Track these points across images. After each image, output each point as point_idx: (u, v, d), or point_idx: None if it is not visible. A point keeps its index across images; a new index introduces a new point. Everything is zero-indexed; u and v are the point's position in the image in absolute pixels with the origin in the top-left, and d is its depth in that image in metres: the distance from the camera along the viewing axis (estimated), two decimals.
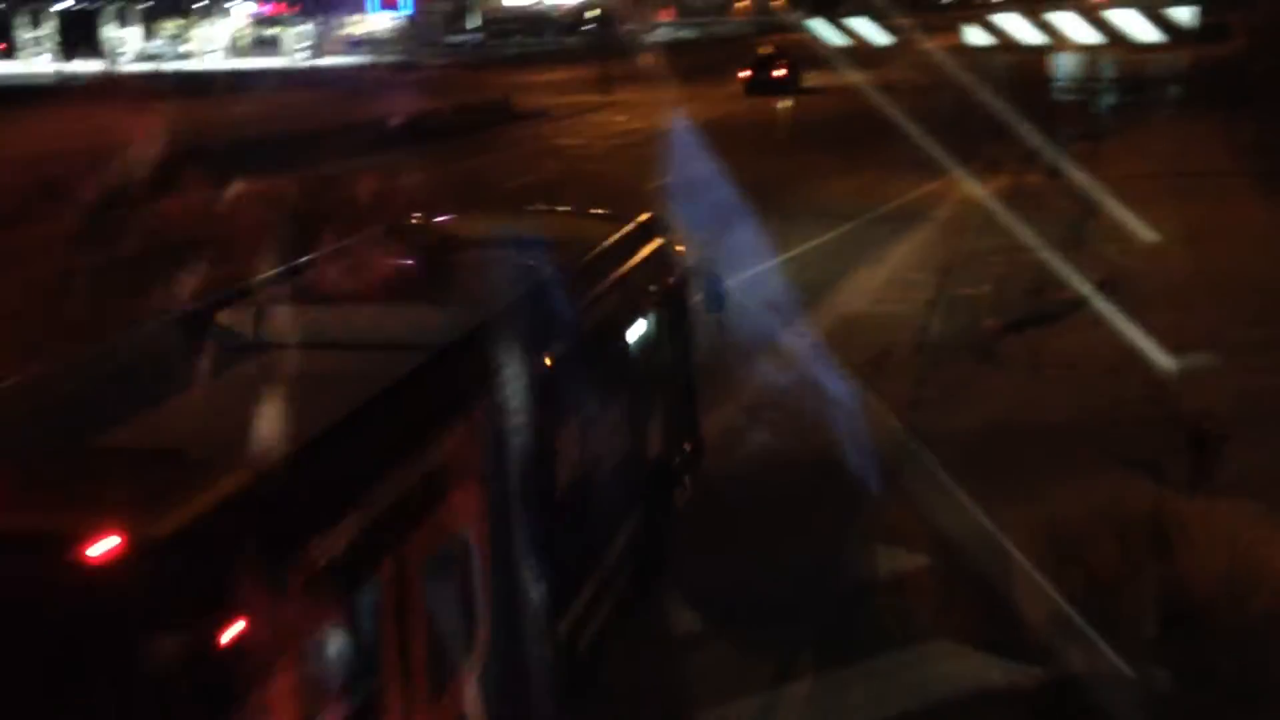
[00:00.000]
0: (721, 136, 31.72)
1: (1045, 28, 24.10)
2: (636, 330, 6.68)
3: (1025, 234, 17.10)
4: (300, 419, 3.15)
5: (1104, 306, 13.29)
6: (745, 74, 42.49)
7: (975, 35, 27.89)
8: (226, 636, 2.12)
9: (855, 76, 42.07)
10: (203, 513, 2.40)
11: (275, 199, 14.62)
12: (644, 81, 49.78)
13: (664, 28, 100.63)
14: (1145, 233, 16.50)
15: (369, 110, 33.90)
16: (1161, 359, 10.94)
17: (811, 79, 42.93)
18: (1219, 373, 10.83)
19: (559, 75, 58.12)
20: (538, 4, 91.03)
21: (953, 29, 45.26)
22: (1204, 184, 20.89)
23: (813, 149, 28.93)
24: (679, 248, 7.87)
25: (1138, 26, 24.30)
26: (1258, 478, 8.67)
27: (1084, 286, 14.19)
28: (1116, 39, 25.39)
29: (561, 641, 4.96)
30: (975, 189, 22.00)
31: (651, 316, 6.99)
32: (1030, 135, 26.12)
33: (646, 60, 51.37)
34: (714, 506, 8.71)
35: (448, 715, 3.63)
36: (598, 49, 52.51)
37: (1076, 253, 16.07)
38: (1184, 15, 24.10)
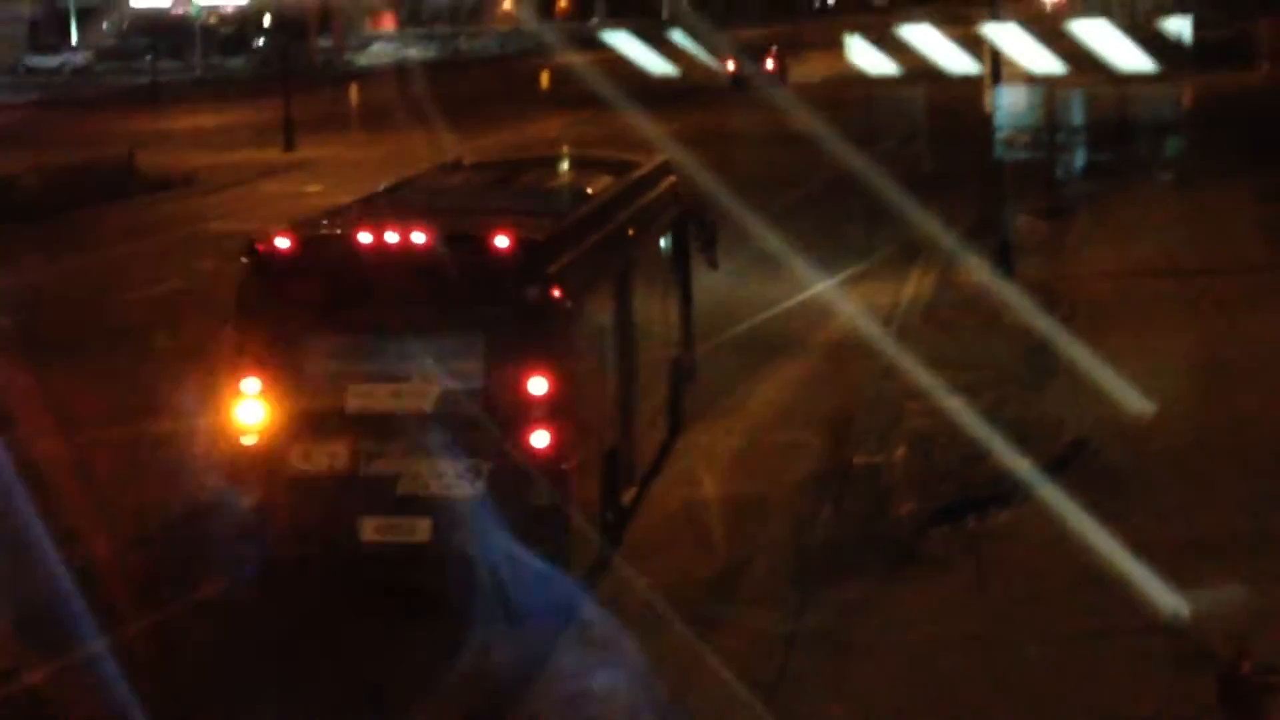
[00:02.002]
0: None
1: (977, 48, 25.46)
2: (669, 225, 17.14)
3: (958, 367, 17.82)
4: (565, 200, 14.66)
5: (1076, 480, 13.91)
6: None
7: (869, 57, 28.95)
8: (554, 288, 12.24)
9: (697, 119, 43.60)
10: (543, 231, 12.82)
11: None
12: (350, 130, 50.39)
13: (383, 44, 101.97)
14: (1135, 363, 17.34)
15: None
16: (1164, 595, 11.28)
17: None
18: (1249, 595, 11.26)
19: (214, 119, 58.27)
20: (176, 8, 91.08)
21: (836, 45, 47.28)
22: (1219, 287, 22.07)
23: None
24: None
25: (1116, 48, 25.83)
26: None
27: (1047, 451, 14.83)
28: (1085, 64, 26.87)
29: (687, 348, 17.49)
30: (879, 295, 22.82)
31: (674, 221, 17.33)
32: (962, 211, 27.32)
33: (353, 96, 51.96)
34: None
35: (647, 361, 14.97)
36: (276, 78, 52.80)
37: (1036, 395, 16.81)
38: (1177, 29, 25.79)
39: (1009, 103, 25.36)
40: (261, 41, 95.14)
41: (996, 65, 24.70)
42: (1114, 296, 21.76)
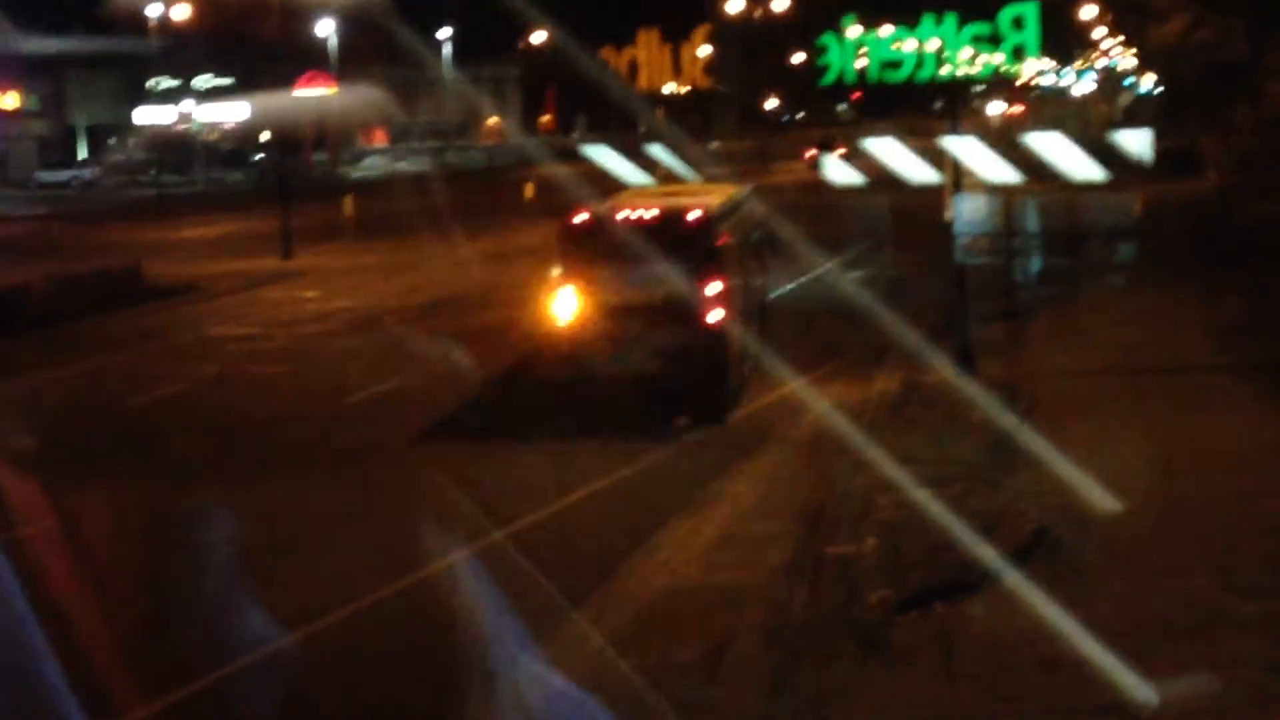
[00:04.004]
0: (471, 314, 32.43)
1: (938, 158, 25.49)
2: (758, 219, 27.24)
3: (925, 461, 17.81)
4: (714, 199, 24.42)
5: (1040, 567, 13.85)
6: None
7: (835, 168, 29.42)
8: (721, 238, 22.64)
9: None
10: (710, 210, 22.95)
11: None
12: (345, 239, 50.64)
13: (375, 157, 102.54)
14: (1095, 456, 17.34)
15: None
16: (1132, 681, 11.19)
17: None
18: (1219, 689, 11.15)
19: (216, 229, 58.57)
20: (179, 125, 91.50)
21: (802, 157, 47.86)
22: (1174, 383, 22.20)
23: None
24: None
25: (1068, 157, 25.88)
26: None
27: (1011, 540, 14.78)
28: (1039, 174, 26.98)
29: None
30: (849, 393, 22.85)
31: (759, 218, 27.39)
32: (926, 312, 27.41)
33: (347, 207, 52.28)
34: None
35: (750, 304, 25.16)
36: (274, 190, 53.04)
37: (1000, 487, 16.78)
38: (1134, 142, 25.86)
39: (968, 210, 25.35)
40: (260, 156, 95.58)
41: (957, 175, 24.69)
42: (1071, 393, 21.82)
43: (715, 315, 22.07)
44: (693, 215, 22.72)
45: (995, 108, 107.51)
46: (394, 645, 13.66)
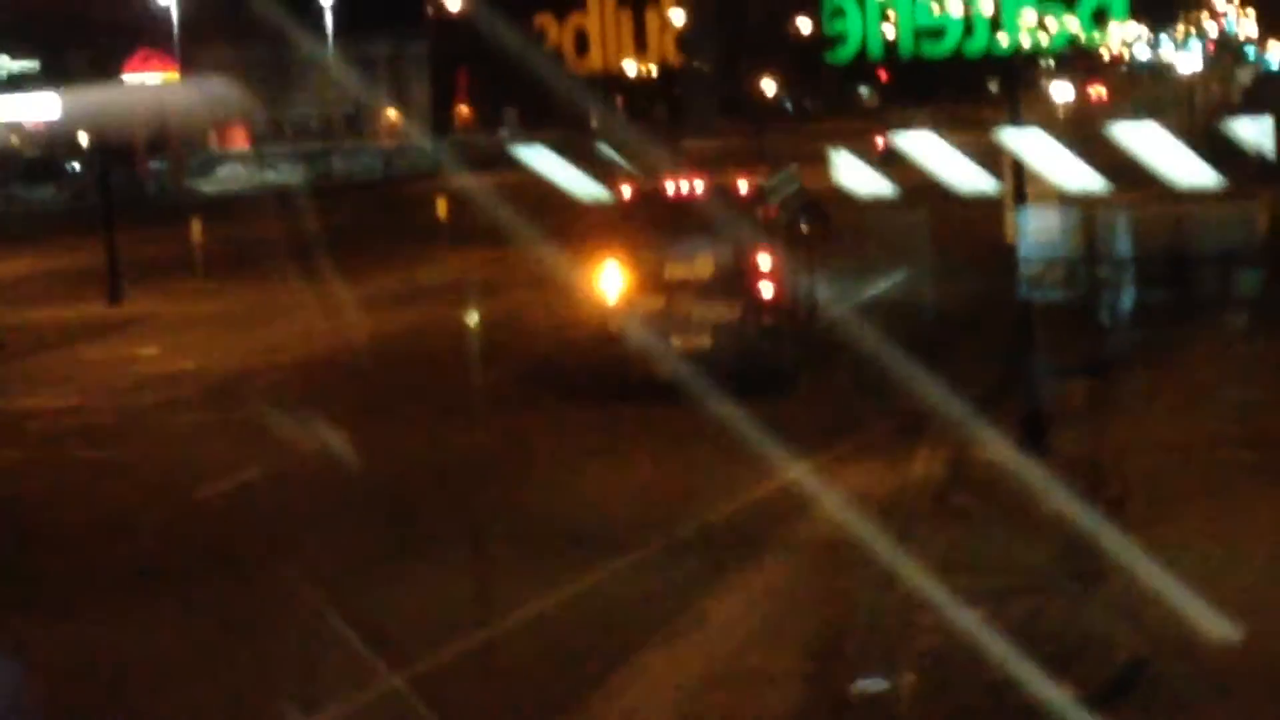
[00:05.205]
0: (357, 381, 32.36)
1: (994, 159, 25.62)
2: (804, 195, 34.89)
3: (978, 570, 17.80)
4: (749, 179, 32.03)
5: (1135, 714, 13.86)
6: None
7: (858, 173, 30.40)
8: (772, 211, 30.77)
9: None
10: (757, 184, 30.97)
11: None
12: (192, 277, 50.43)
13: (235, 166, 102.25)
14: (1209, 563, 17.34)
15: None
16: None
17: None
18: None
19: (15, 265, 58.45)
20: None
21: (814, 159, 47.75)
22: None
23: (545, 402, 29.75)
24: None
25: (1169, 156, 26.09)
26: None
27: (1095, 676, 14.80)
28: (1130, 179, 27.13)
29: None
30: (875, 480, 22.85)
31: (805, 195, 35.07)
32: (979, 368, 27.42)
33: (195, 234, 52.13)
34: None
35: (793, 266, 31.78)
36: (97, 212, 52.93)
37: (1079, 606, 16.77)
38: (1252, 131, 26.04)
39: (1037, 229, 25.42)
40: (77, 166, 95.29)
41: (1020, 181, 24.68)
42: (1176, 476, 21.80)
43: (768, 289, 29.11)
44: (743, 188, 30.20)
45: (1068, 90, 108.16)
46: None
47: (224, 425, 29.11)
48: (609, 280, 29.03)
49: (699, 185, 29.90)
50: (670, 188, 30.05)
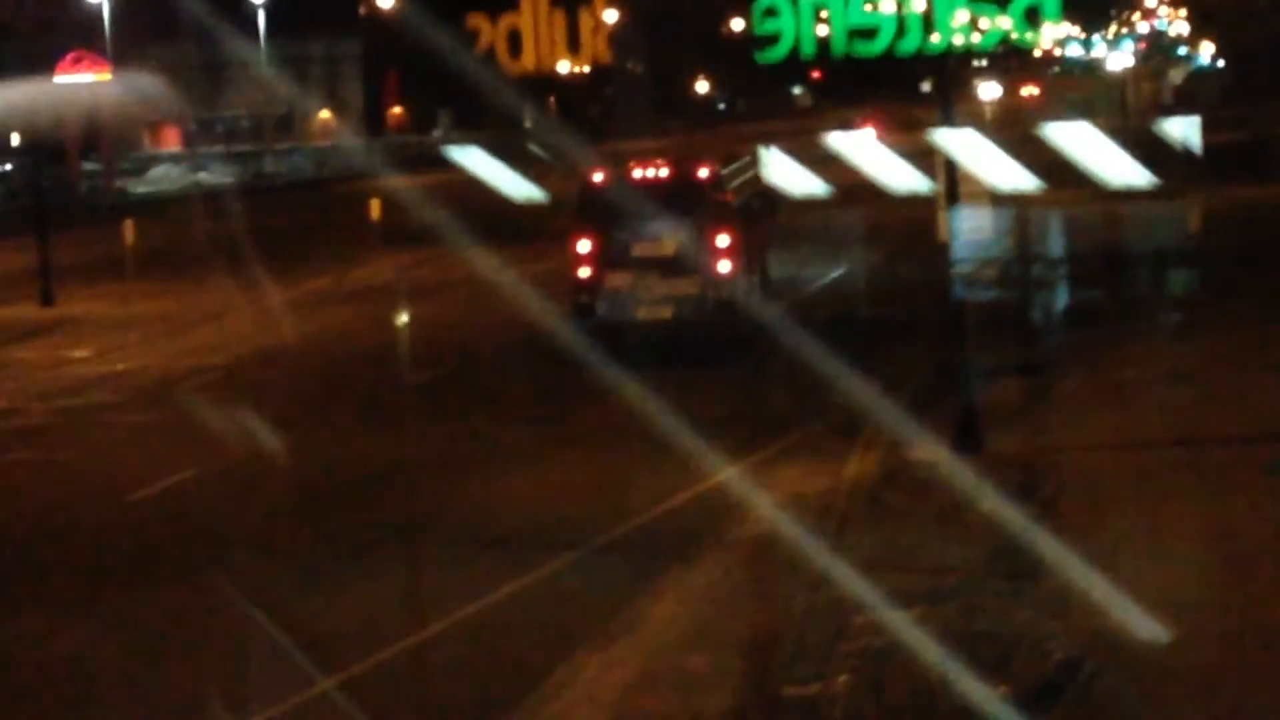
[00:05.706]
0: (289, 384, 32.29)
1: (927, 159, 25.63)
2: (758, 182, 38.99)
3: (911, 568, 17.81)
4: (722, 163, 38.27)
5: (1068, 713, 13.83)
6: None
7: (789, 172, 31.05)
8: (728, 195, 35.38)
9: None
10: (716, 170, 35.78)
11: None
12: (125, 278, 50.23)
13: (167, 166, 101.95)
14: (1141, 563, 17.37)
15: None
16: None
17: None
18: None
19: None
20: None
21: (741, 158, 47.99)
22: (1248, 460, 22.21)
23: (471, 407, 29.75)
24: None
25: (1102, 155, 26.11)
26: None
27: (1029, 676, 14.84)
28: (1063, 178, 27.14)
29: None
30: (807, 480, 22.83)
31: (759, 182, 39.00)
32: (912, 368, 27.43)
33: (128, 234, 51.95)
34: None
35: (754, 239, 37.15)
36: (28, 213, 52.65)
37: (1013, 605, 16.79)
38: (1179, 131, 26.09)
39: (970, 228, 25.40)
40: (7, 166, 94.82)
41: (953, 181, 24.67)
42: (1109, 476, 21.85)
43: (725, 267, 32.15)
44: (702, 173, 33.92)
45: (996, 90, 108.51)
46: None
47: (157, 427, 29.01)
48: (580, 257, 32.17)
49: (663, 171, 34.01)
50: (637, 173, 34.11)
